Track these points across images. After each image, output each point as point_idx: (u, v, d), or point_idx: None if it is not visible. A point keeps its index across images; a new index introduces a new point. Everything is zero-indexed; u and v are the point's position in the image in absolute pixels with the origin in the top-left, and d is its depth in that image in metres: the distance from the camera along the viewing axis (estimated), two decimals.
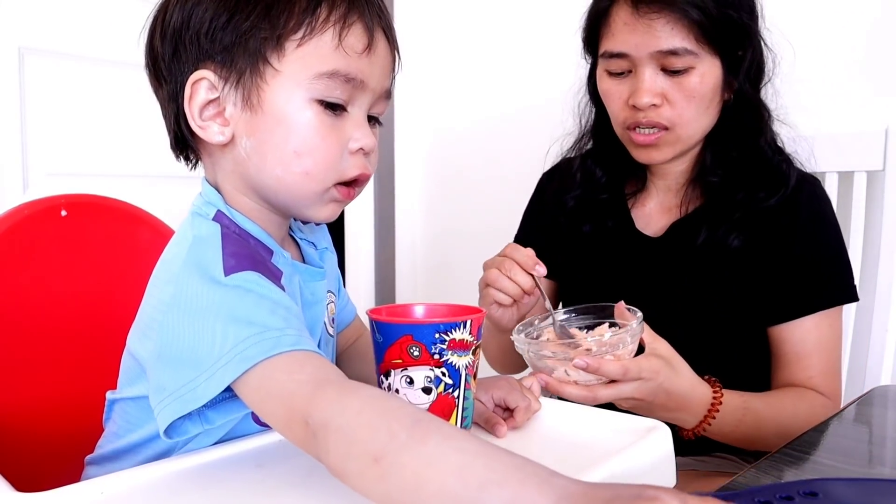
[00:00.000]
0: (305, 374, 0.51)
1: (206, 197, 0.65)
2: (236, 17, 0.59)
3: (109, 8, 1.71)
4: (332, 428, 0.46)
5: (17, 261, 0.87)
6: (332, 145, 0.62)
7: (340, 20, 0.60)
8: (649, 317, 0.81)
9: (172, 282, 0.58)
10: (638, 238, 1.03)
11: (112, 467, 0.67)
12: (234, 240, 0.61)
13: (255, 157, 0.62)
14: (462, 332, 0.58)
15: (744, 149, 0.97)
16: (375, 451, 0.44)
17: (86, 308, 0.93)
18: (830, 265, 0.96)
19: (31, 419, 0.87)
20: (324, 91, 0.60)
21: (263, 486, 0.55)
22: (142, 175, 1.77)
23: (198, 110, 0.61)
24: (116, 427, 0.69)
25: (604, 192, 1.06)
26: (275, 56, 0.60)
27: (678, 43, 0.89)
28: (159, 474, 0.56)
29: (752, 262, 0.95)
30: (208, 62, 0.61)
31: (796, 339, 0.94)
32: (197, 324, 0.55)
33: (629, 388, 0.76)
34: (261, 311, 0.54)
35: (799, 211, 0.95)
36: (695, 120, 0.93)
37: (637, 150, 0.97)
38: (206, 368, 0.53)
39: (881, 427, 0.79)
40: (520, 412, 0.67)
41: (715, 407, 0.83)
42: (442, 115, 2.03)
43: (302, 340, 0.54)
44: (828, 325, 0.94)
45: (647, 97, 0.91)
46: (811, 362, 0.94)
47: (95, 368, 0.89)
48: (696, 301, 0.96)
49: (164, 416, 0.56)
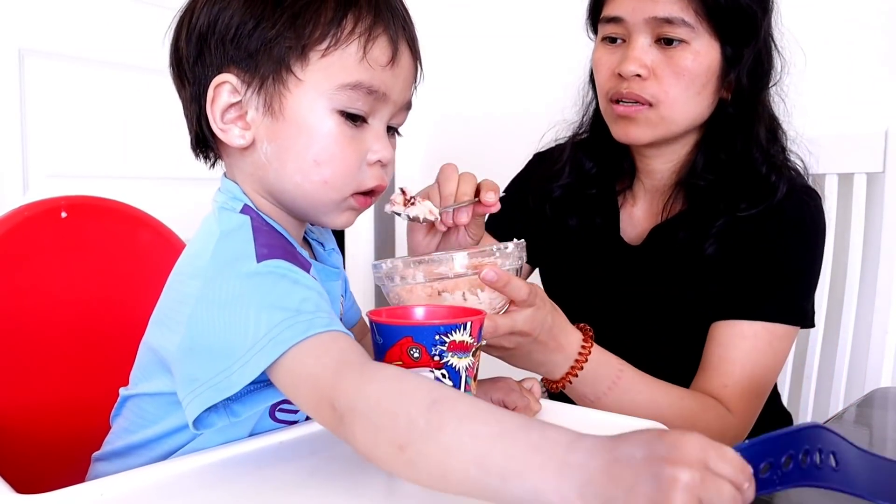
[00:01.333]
0: (330, 357, 0.51)
1: (229, 193, 0.65)
2: (262, 24, 0.60)
3: (110, 10, 1.71)
4: (356, 414, 0.47)
5: (17, 262, 0.87)
6: (352, 156, 0.62)
7: (366, 33, 0.60)
8: (622, 321, 0.79)
9: (199, 275, 0.58)
10: (618, 244, 1.01)
11: (122, 463, 0.67)
12: (266, 231, 0.61)
13: (275, 163, 0.62)
14: (462, 333, 0.58)
15: (733, 152, 0.93)
16: (399, 439, 0.45)
17: (86, 310, 0.93)
18: (789, 280, 0.90)
19: (31, 421, 0.87)
20: (346, 102, 0.61)
21: (264, 487, 0.55)
22: (142, 177, 1.77)
23: (220, 113, 0.62)
24: (128, 423, 0.69)
25: (593, 187, 1.03)
26: (298, 65, 0.60)
27: (676, 12, 0.86)
28: (160, 476, 0.56)
29: (723, 268, 0.91)
30: (232, 66, 0.61)
31: (727, 341, 0.88)
32: (229, 314, 0.55)
33: (522, 316, 0.71)
34: (294, 296, 0.55)
35: (780, 220, 0.90)
36: (680, 101, 0.89)
37: (616, 126, 0.94)
38: (241, 356, 0.53)
39: (881, 429, 0.79)
40: (520, 412, 0.67)
41: (583, 357, 0.78)
42: (443, 112, 2.03)
43: (333, 322, 0.54)
44: (766, 342, 0.88)
45: (634, 65, 0.88)
46: (732, 370, 0.87)
47: (95, 370, 0.89)
48: (668, 309, 0.94)
49: (196, 406, 0.55)
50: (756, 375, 0.88)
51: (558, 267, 1.06)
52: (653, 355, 0.89)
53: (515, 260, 0.70)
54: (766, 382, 0.89)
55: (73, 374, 0.90)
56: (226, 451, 0.61)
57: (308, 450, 0.61)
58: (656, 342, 0.92)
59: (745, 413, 0.88)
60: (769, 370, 0.89)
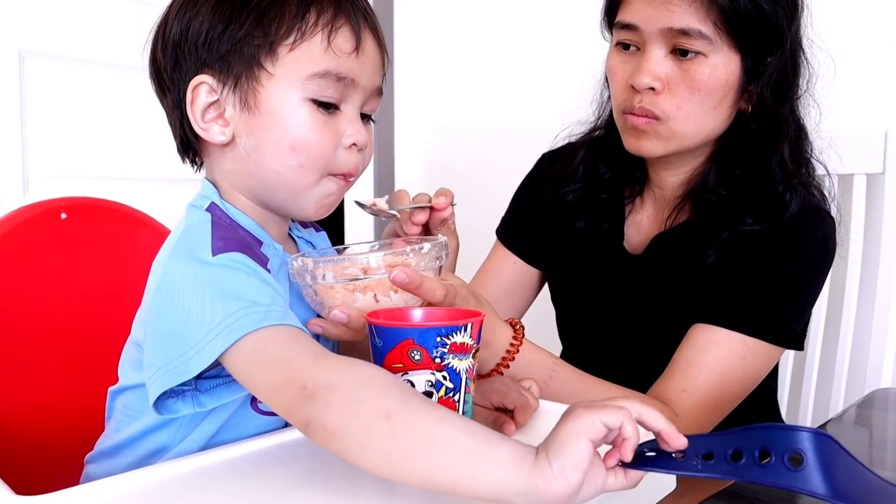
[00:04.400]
0: (303, 347, 0.55)
1: (202, 192, 0.69)
2: (231, 27, 0.63)
3: (109, 11, 1.71)
4: (337, 388, 0.49)
5: (16, 263, 0.87)
6: (326, 140, 0.65)
7: (328, 24, 0.63)
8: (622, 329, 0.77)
9: (160, 267, 0.62)
10: (620, 253, 0.99)
11: (110, 464, 0.68)
12: (224, 227, 0.64)
13: (254, 155, 0.65)
14: (463, 335, 0.58)
15: (749, 168, 0.88)
16: (388, 408, 0.48)
17: (85, 311, 0.93)
18: (782, 300, 0.86)
19: (31, 422, 0.87)
20: (317, 90, 0.63)
21: (263, 489, 0.55)
22: (142, 178, 1.77)
23: (200, 113, 0.65)
24: (116, 423, 0.70)
25: (604, 192, 1.01)
26: (269, 61, 0.63)
27: (693, 23, 0.81)
28: (159, 477, 0.56)
29: (721, 279, 0.88)
30: (207, 69, 0.64)
31: (699, 344, 0.84)
32: (184, 299, 0.58)
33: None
34: (249, 287, 0.58)
35: (786, 238, 0.87)
36: (694, 117, 0.86)
37: (628, 137, 0.91)
38: (197, 342, 0.56)
39: (881, 429, 0.79)
40: (519, 411, 0.68)
41: (511, 353, 0.77)
42: (442, 115, 2.03)
43: (289, 317, 0.57)
44: (740, 355, 0.83)
45: (648, 77, 0.84)
46: (695, 375, 0.83)
47: (95, 371, 0.89)
48: (667, 316, 0.92)
49: (155, 388, 0.59)
50: (719, 386, 0.83)
51: (563, 271, 1.06)
52: (651, 363, 0.89)
53: (432, 260, 0.67)
54: (728, 396, 0.85)
55: (73, 374, 0.90)
56: (225, 452, 0.61)
57: (308, 451, 0.61)
58: (654, 350, 0.91)
59: (695, 422, 0.83)
60: (735, 384, 0.85)
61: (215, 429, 0.65)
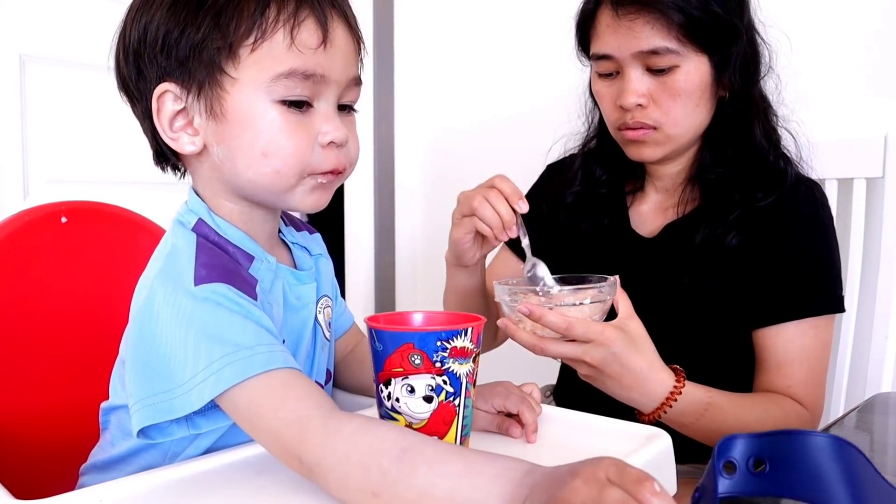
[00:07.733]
0: (287, 410, 0.54)
1: (189, 205, 0.66)
2: (187, 30, 0.59)
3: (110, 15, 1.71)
4: (325, 467, 0.51)
5: (17, 267, 0.87)
6: (300, 142, 0.61)
7: (290, 18, 0.59)
8: (640, 316, 0.80)
9: (146, 289, 0.60)
10: (632, 237, 1.04)
11: (103, 478, 0.66)
12: (209, 250, 0.62)
13: (227, 163, 0.63)
14: (463, 339, 0.58)
15: (739, 145, 0.96)
16: (372, 487, 0.49)
17: (86, 315, 0.93)
18: (821, 272, 0.94)
19: (32, 426, 0.87)
20: (284, 91, 0.60)
21: (263, 493, 0.55)
22: (142, 182, 1.77)
23: (167, 122, 0.62)
24: (111, 436, 0.69)
25: (602, 189, 1.07)
26: (230, 64, 0.60)
27: (659, 42, 0.89)
28: (159, 482, 0.56)
29: (747, 262, 0.94)
30: (168, 77, 0.61)
31: (779, 345, 0.92)
32: (165, 332, 0.56)
33: (579, 349, 0.77)
34: (231, 327, 0.56)
35: (797, 212, 0.94)
36: (683, 119, 0.94)
37: (629, 148, 0.98)
38: (182, 384, 0.55)
39: (882, 434, 0.79)
40: (524, 413, 0.67)
41: (673, 396, 0.82)
42: (442, 116, 2.03)
43: (273, 357, 0.56)
44: (813, 335, 0.92)
45: (633, 97, 0.92)
46: (792, 371, 0.92)
47: (95, 375, 0.89)
48: (688, 302, 0.96)
49: (138, 420, 0.58)
50: (815, 368, 0.92)
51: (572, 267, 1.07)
52: (673, 347, 0.89)
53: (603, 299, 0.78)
54: (822, 371, 0.94)
55: (73, 378, 0.90)
56: (225, 457, 0.61)
57: None
58: (675, 333, 0.92)
59: (817, 403, 0.93)
60: (822, 357, 0.94)
61: (210, 443, 0.64)
